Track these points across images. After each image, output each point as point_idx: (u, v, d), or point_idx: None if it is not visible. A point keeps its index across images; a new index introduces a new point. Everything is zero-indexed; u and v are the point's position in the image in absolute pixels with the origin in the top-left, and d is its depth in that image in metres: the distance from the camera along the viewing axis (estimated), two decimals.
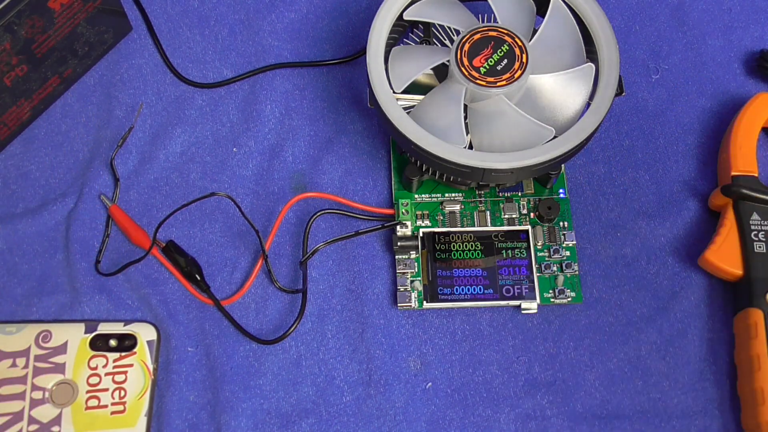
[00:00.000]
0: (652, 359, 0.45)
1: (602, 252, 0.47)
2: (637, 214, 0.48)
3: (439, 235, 0.46)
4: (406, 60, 0.44)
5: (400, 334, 0.45)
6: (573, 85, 0.43)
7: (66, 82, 0.50)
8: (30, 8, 0.43)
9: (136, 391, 0.42)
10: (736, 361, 0.44)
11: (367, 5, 0.54)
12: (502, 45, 0.42)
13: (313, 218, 0.47)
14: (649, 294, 0.46)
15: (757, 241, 0.45)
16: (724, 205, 0.47)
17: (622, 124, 0.51)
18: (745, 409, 0.43)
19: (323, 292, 0.46)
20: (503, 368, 0.45)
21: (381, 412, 0.43)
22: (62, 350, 0.43)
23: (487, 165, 0.40)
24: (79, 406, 0.42)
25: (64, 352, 0.43)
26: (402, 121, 0.41)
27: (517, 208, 0.47)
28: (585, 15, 0.44)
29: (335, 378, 0.44)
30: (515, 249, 0.46)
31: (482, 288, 0.45)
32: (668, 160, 0.50)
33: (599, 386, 0.44)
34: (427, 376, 0.44)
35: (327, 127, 0.50)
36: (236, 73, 0.51)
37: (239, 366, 0.44)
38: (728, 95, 0.51)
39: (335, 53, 0.52)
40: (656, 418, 0.44)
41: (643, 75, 0.52)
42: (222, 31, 0.53)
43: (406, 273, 0.45)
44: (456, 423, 0.43)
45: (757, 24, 0.53)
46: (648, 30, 0.53)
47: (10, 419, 0.41)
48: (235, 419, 0.43)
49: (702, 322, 0.46)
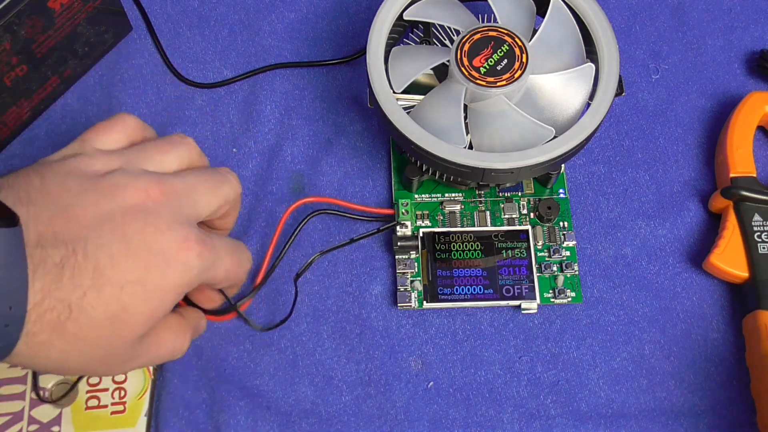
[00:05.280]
0: (656, 358, 0.45)
1: (602, 252, 0.47)
2: (637, 214, 0.48)
3: (439, 235, 0.46)
4: (406, 60, 0.44)
5: (401, 334, 0.45)
6: (573, 85, 0.43)
7: (66, 82, 0.50)
8: (30, 8, 0.43)
9: (136, 391, 0.42)
10: (747, 363, 0.44)
11: (367, 5, 0.54)
12: (502, 45, 0.42)
13: (305, 220, 0.46)
14: (651, 294, 0.46)
15: (761, 242, 0.45)
16: (724, 208, 0.47)
17: (622, 124, 0.51)
18: (761, 410, 0.43)
19: (318, 292, 0.46)
20: (505, 368, 0.45)
21: (382, 411, 0.43)
22: None
23: (487, 165, 0.40)
24: (79, 406, 0.42)
25: None
26: (402, 121, 0.41)
27: (517, 208, 0.47)
28: (585, 15, 0.44)
29: (333, 378, 0.44)
30: (515, 249, 0.46)
31: (482, 288, 0.45)
32: (668, 160, 0.50)
33: (603, 385, 0.44)
34: (428, 376, 0.44)
35: (327, 127, 0.50)
36: (236, 73, 0.51)
37: (234, 367, 0.44)
38: (728, 95, 0.51)
39: (335, 53, 0.52)
40: (663, 417, 0.44)
41: (643, 75, 0.52)
42: (222, 31, 0.53)
43: (406, 273, 0.45)
44: (459, 422, 0.43)
45: (757, 24, 0.53)
46: (648, 30, 0.53)
47: (10, 419, 0.41)
48: (233, 418, 0.43)
49: (706, 322, 0.46)
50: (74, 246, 0.32)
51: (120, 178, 0.35)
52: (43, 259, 0.31)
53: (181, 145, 0.39)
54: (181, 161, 0.39)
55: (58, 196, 0.34)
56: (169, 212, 0.35)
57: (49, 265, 0.31)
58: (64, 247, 0.32)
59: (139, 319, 0.34)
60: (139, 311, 0.34)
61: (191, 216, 0.37)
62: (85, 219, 0.33)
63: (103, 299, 0.33)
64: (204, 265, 0.36)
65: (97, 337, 0.33)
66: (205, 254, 0.35)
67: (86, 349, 0.33)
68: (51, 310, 0.31)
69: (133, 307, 0.34)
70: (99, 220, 0.33)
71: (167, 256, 0.34)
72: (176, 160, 0.38)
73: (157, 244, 0.34)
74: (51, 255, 0.32)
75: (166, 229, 0.34)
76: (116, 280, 0.33)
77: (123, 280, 0.33)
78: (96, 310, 0.32)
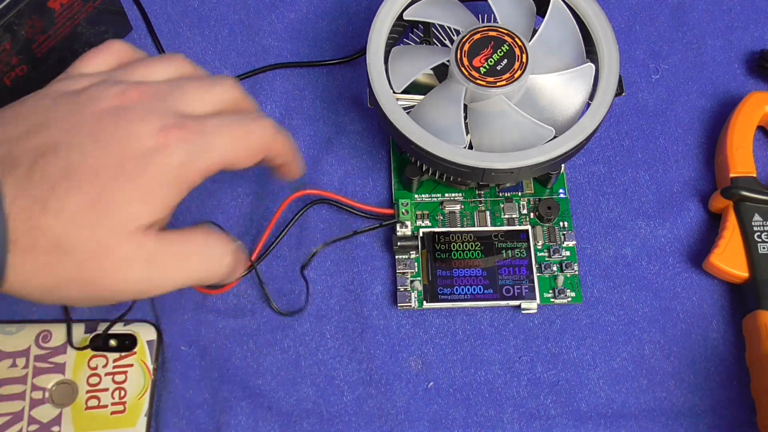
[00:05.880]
0: (656, 358, 0.45)
1: (602, 252, 0.47)
2: (637, 214, 0.48)
3: (439, 235, 0.46)
4: (406, 60, 0.44)
5: (401, 334, 0.45)
6: (573, 85, 0.43)
7: None
8: (30, 8, 0.43)
9: (136, 391, 0.42)
10: (747, 363, 0.44)
11: (367, 5, 0.54)
12: (502, 45, 0.42)
13: (307, 207, 0.47)
14: (651, 294, 0.46)
15: (761, 242, 0.45)
16: (724, 208, 0.47)
17: (622, 124, 0.51)
18: (761, 410, 0.43)
19: (321, 292, 0.46)
20: (505, 368, 0.45)
21: (382, 411, 0.43)
22: (62, 350, 0.43)
23: (487, 165, 0.40)
24: (79, 406, 0.42)
25: (64, 352, 0.43)
26: (402, 121, 0.41)
27: (517, 208, 0.47)
28: (585, 15, 0.44)
29: (335, 378, 0.44)
30: (515, 249, 0.46)
31: (482, 288, 0.45)
32: (668, 160, 0.50)
33: (603, 385, 0.44)
34: (428, 376, 0.44)
35: (327, 127, 0.50)
36: (236, 73, 0.51)
37: (238, 367, 0.44)
38: (728, 95, 0.51)
39: (335, 53, 0.52)
40: (663, 417, 0.44)
41: (643, 75, 0.52)
42: (222, 31, 0.53)
43: (406, 273, 0.45)
44: (459, 422, 0.43)
45: (757, 24, 0.53)
46: (648, 30, 0.53)
47: (10, 419, 0.41)
48: (234, 418, 0.43)
49: (706, 323, 0.46)
50: (44, 151, 0.31)
51: (97, 88, 0.33)
52: (15, 166, 0.30)
53: (171, 60, 0.36)
54: (170, 74, 0.36)
55: (37, 113, 0.32)
56: (145, 108, 0.33)
57: (20, 170, 0.30)
58: (34, 153, 0.31)
59: (125, 200, 0.31)
60: (123, 193, 0.31)
61: (178, 112, 0.34)
62: (59, 128, 0.32)
63: (75, 186, 0.30)
64: (191, 148, 0.33)
65: (79, 228, 0.31)
66: (188, 137, 0.33)
67: (70, 245, 0.31)
68: (24, 210, 0.30)
69: (115, 189, 0.31)
70: (72, 125, 0.32)
71: (144, 140, 0.32)
72: (164, 72, 0.36)
73: (132, 131, 0.32)
74: (21, 162, 0.30)
75: (139, 119, 0.32)
76: (89, 169, 0.31)
77: (96, 168, 0.31)
78: (70, 198, 0.30)
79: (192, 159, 0.33)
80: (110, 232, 0.31)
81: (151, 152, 0.32)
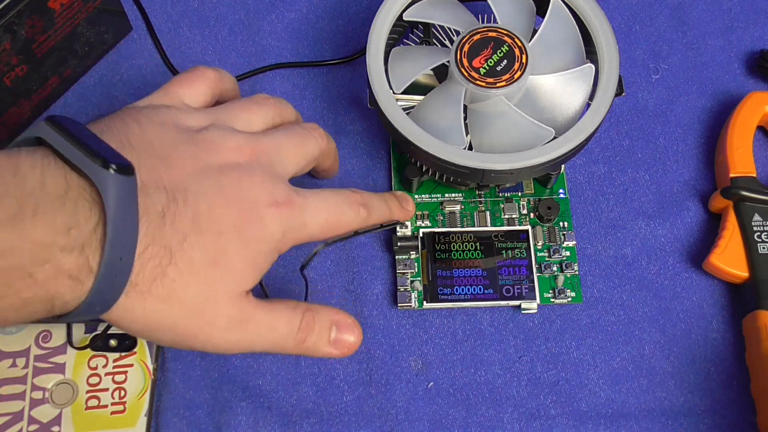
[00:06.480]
0: (656, 359, 0.45)
1: (602, 252, 0.47)
2: (637, 214, 0.48)
3: (439, 235, 0.46)
4: (406, 60, 0.44)
5: (401, 334, 0.45)
6: (573, 85, 0.43)
7: (66, 82, 0.50)
8: (30, 8, 0.43)
9: (136, 391, 0.42)
10: (747, 363, 0.44)
11: (367, 5, 0.54)
12: (501, 45, 0.42)
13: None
14: (651, 294, 0.46)
15: (760, 242, 0.45)
16: (724, 208, 0.47)
17: (622, 124, 0.51)
18: (761, 410, 0.43)
19: (321, 292, 0.46)
20: (505, 368, 0.45)
21: (382, 411, 0.44)
22: (62, 350, 0.43)
23: (487, 166, 0.40)
24: (79, 406, 0.42)
25: (64, 352, 0.43)
26: (402, 122, 0.41)
27: (517, 209, 0.47)
28: (585, 15, 0.44)
29: (335, 378, 0.44)
30: (515, 249, 0.46)
31: (482, 288, 0.45)
32: (668, 160, 0.50)
33: (603, 385, 0.44)
34: (428, 376, 0.44)
35: (327, 128, 0.50)
36: (236, 73, 0.51)
37: (238, 367, 0.44)
38: (728, 95, 0.51)
39: (335, 53, 0.52)
40: (663, 417, 0.44)
41: (643, 75, 0.52)
42: (222, 31, 0.53)
43: (406, 273, 0.45)
44: (459, 422, 0.43)
45: (757, 24, 0.53)
46: (648, 30, 0.53)
47: (10, 419, 0.41)
48: (234, 418, 0.43)
49: (706, 323, 0.46)
50: (174, 194, 0.32)
51: (214, 134, 0.36)
52: (148, 207, 0.31)
53: (265, 105, 0.40)
54: (266, 120, 0.39)
55: (158, 145, 0.34)
56: (261, 169, 0.36)
57: (152, 213, 0.31)
58: (165, 195, 0.32)
59: (240, 266, 0.34)
60: (239, 258, 0.34)
61: (281, 173, 0.37)
62: (184, 169, 0.33)
63: (202, 242, 0.32)
64: (291, 224, 0.36)
65: (199, 284, 0.33)
66: (293, 215, 0.36)
67: (186, 297, 0.32)
68: (153, 258, 0.31)
69: (234, 253, 0.33)
70: (197, 171, 0.34)
71: (260, 209, 0.35)
72: (261, 119, 0.39)
73: (252, 197, 0.35)
74: (154, 203, 0.32)
75: (259, 183, 0.35)
76: (215, 226, 0.33)
77: (221, 227, 0.33)
78: (196, 253, 0.32)
79: (288, 234, 0.36)
80: (223, 293, 0.34)
81: (264, 223, 0.35)
